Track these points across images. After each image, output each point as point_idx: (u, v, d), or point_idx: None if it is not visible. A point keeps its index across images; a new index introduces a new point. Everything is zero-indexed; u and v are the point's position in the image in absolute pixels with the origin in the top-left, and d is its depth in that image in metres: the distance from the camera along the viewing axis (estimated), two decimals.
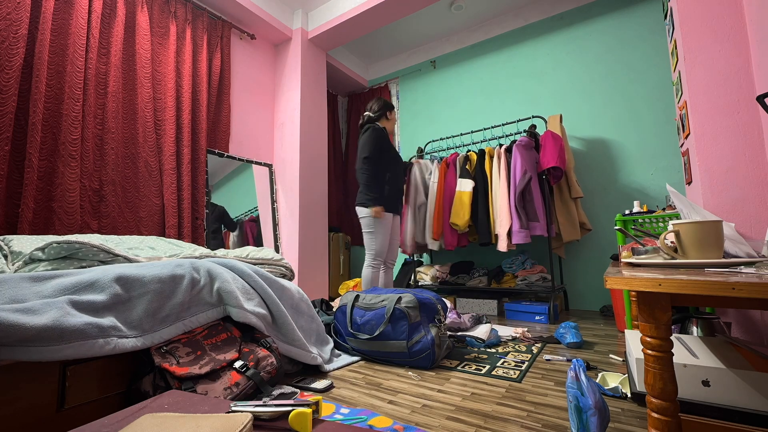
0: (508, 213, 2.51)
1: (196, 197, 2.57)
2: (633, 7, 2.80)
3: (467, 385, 1.31)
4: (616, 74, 2.83)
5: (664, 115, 2.61)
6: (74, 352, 0.89)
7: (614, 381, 1.26)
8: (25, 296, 0.93)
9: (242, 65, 3.08)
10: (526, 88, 3.25)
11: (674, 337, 1.09)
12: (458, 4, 3.23)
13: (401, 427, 0.98)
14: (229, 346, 1.20)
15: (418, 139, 3.87)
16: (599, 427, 0.82)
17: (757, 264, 0.73)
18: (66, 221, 1.89)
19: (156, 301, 1.11)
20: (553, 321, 2.34)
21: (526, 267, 2.72)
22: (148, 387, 1.03)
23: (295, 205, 3.09)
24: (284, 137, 3.24)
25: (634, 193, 2.69)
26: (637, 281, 0.61)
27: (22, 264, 1.18)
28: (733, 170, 1.46)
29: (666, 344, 0.64)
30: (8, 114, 1.73)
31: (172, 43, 2.49)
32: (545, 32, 3.19)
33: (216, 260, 1.40)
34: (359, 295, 1.71)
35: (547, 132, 2.53)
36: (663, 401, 0.63)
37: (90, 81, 2.06)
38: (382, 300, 1.60)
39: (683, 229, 0.76)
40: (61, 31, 1.98)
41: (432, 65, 3.84)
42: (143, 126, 2.31)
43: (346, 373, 1.46)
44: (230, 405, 0.67)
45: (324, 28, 3.22)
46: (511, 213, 2.50)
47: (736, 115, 1.47)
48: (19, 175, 1.79)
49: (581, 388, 0.89)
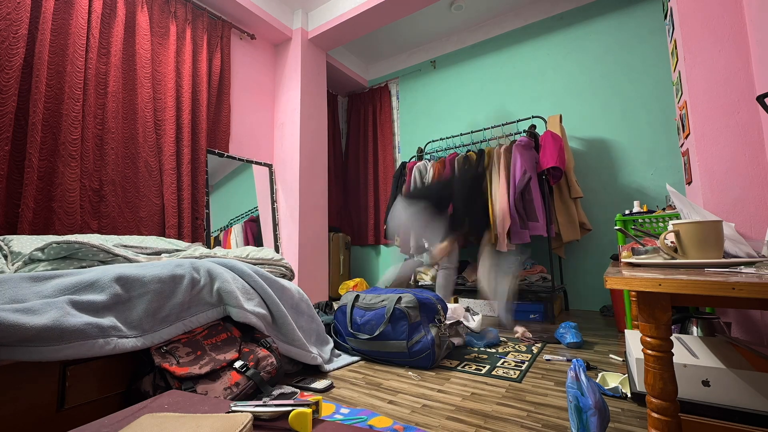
0: (508, 213, 2.51)
1: (196, 197, 2.57)
2: (633, 7, 2.80)
3: (467, 385, 1.31)
4: (616, 74, 2.83)
5: (664, 116, 2.61)
6: (74, 352, 0.89)
7: (614, 381, 1.26)
8: (26, 296, 0.93)
9: (242, 65, 3.08)
10: (526, 88, 3.25)
11: (674, 337, 1.09)
12: (458, 4, 3.23)
13: (401, 427, 0.98)
14: (229, 346, 1.20)
15: (418, 139, 3.87)
16: (599, 427, 0.82)
17: (757, 264, 0.73)
18: (66, 221, 1.89)
19: (156, 301, 1.11)
20: (550, 320, 2.34)
21: (526, 267, 2.72)
22: (148, 387, 1.03)
23: (295, 205, 3.09)
24: (284, 137, 3.24)
25: (634, 193, 2.69)
26: (637, 281, 0.61)
27: (22, 264, 1.18)
28: (733, 170, 1.46)
29: (666, 344, 0.64)
30: (8, 114, 1.73)
31: (172, 43, 2.49)
32: (545, 32, 3.19)
33: (216, 260, 1.40)
34: (359, 295, 1.71)
35: (547, 132, 2.53)
36: (663, 401, 0.63)
37: (90, 81, 2.06)
38: (382, 300, 1.60)
39: (683, 229, 0.76)
40: (61, 31, 1.98)
41: (432, 65, 3.84)
42: (143, 126, 2.31)
43: (346, 373, 1.46)
44: (230, 405, 0.67)
45: (324, 28, 3.22)
46: (510, 213, 2.51)
47: (736, 115, 1.47)
48: (19, 175, 1.79)
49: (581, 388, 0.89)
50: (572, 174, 2.62)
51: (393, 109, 4.10)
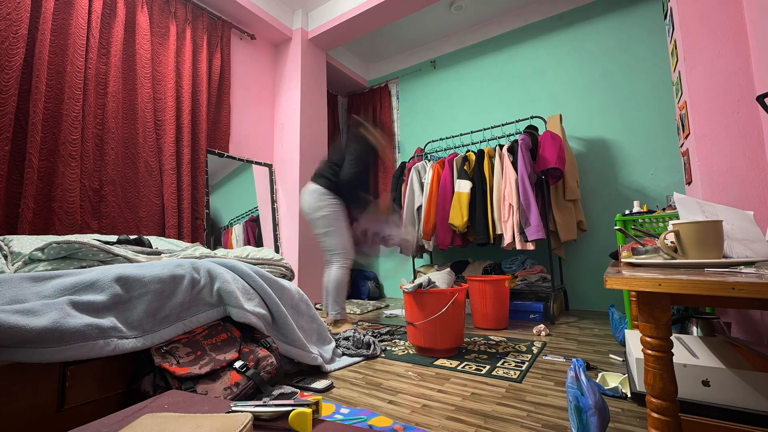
0: (518, 211, 2.45)
1: (196, 197, 2.57)
2: (633, 7, 2.80)
3: (467, 385, 1.31)
4: (616, 74, 2.83)
5: (664, 115, 2.61)
6: (74, 354, 0.89)
7: (614, 381, 1.26)
8: (26, 296, 0.93)
9: (242, 65, 3.08)
10: (525, 89, 3.25)
11: (674, 337, 1.09)
12: (458, 4, 3.23)
13: (401, 427, 0.98)
14: (229, 346, 1.20)
15: (418, 140, 3.87)
16: (599, 427, 0.82)
17: (757, 264, 0.73)
18: (66, 221, 1.89)
19: (156, 302, 1.11)
20: (550, 320, 2.33)
21: (526, 267, 2.72)
22: (148, 387, 1.03)
23: (295, 205, 3.09)
24: (284, 137, 3.24)
25: (634, 194, 2.69)
26: (637, 281, 0.61)
27: (22, 264, 1.18)
28: (733, 170, 1.46)
29: (666, 344, 0.64)
30: (8, 114, 1.73)
31: (172, 43, 2.49)
32: (545, 32, 3.19)
33: (216, 260, 1.40)
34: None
35: (547, 132, 2.53)
36: (663, 401, 0.63)
37: (90, 81, 2.06)
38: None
39: (683, 229, 0.76)
40: (61, 31, 1.98)
41: (432, 65, 3.84)
42: (143, 126, 2.31)
43: (346, 373, 1.46)
44: (230, 405, 0.67)
45: (324, 28, 3.22)
46: (523, 210, 2.44)
47: (736, 115, 1.47)
48: (19, 175, 1.79)
49: (581, 388, 0.89)
50: (571, 174, 2.61)
51: (393, 109, 4.10)
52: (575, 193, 2.58)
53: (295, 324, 1.46)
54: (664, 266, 0.76)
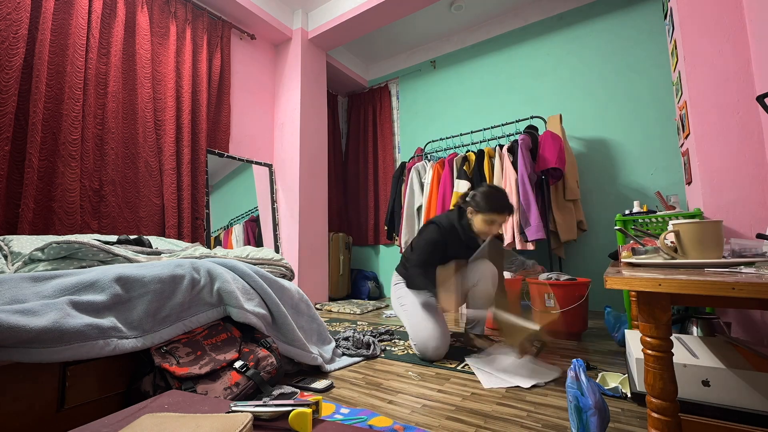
0: (518, 211, 2.45)
1: (196, 197, 2.57)
2: (633, 7, 2.80)
3: (467, 385, 1.31)
4: (615, 74, 2.83)
5: (664, 115, 2.60)
6: (74, 354, 0.89)
7: (614, 381, 1.26)
8: (26, 296, 0.93)
9: (242, 65, 3.08)
10: (525, 89, 3.24)
11: (674, 337, 1.09)
12: (458, 4, 3.23)
13: (401, 427, 0.98)
14: (229, 346, 1.20)
15: (418, 140, 3.87)
16: (599, 427, 0.82)
17: (757, 264, 0.73)
18: (66, 221, 1.89)
19: (156, 302, 1.11)
20: None
21: (527, 267, 2.71)
22: (148, 387, 1.03)
23: (295, 205, 3.09)
24: (284, 137, 3.24)
25: (634, 193, 2.69)
26: (637, 281, 0.61)
27: (22, 264, 1.18)
28: (733, 170, 1.46)
29: (666, 344, 0.64)
30: (8, 114, 1.73)
31: (172, 43, 2.49)
32: (545, 32, 3.19)
33: (216, 260, 1.40)
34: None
35: (547, 132, 2.53)
36: (663, 401, 0.63)
37: (90, 81, 2.06)
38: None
39: (683, 229, 0.76)
40: (61, 31, 1.98)
41: (432, 65, 3.84)
42: (143, 126, 2.31)
43: (346, 373, 1.46)
44: (230, 405, 0.67)
45: (324, 28, 3.22)
46: (523, 210, 2.43)
47: (736, 115, 1.47)
48: (19, 175, 1.79)
49: (581, 388, 0.89)
50: (571, 174, 2.61)
51: (393, 109, 4.10)
52: (575, 193, 2.57)
53: (295, 324, 1.46)
54: (664, 266, 0.76)
